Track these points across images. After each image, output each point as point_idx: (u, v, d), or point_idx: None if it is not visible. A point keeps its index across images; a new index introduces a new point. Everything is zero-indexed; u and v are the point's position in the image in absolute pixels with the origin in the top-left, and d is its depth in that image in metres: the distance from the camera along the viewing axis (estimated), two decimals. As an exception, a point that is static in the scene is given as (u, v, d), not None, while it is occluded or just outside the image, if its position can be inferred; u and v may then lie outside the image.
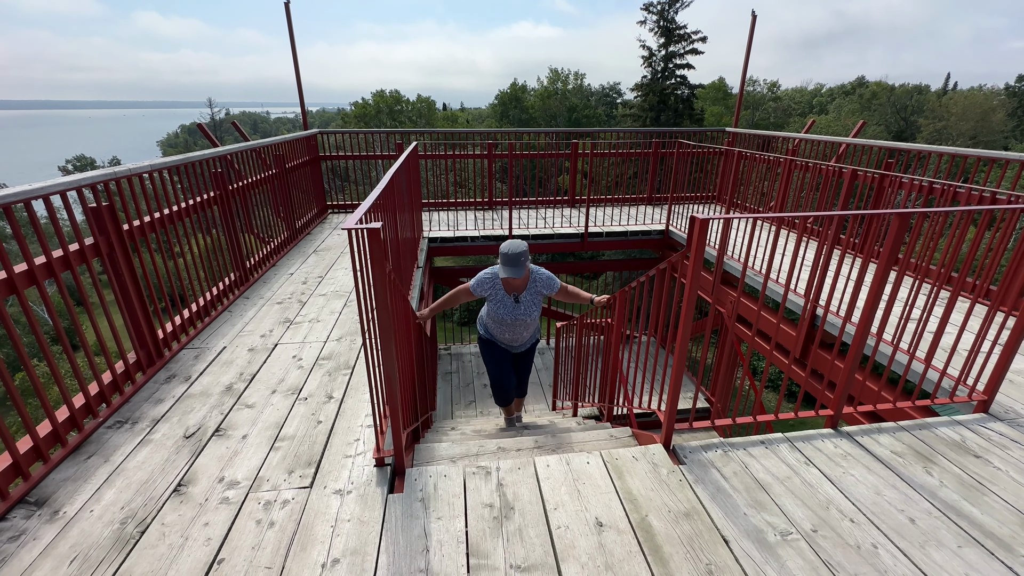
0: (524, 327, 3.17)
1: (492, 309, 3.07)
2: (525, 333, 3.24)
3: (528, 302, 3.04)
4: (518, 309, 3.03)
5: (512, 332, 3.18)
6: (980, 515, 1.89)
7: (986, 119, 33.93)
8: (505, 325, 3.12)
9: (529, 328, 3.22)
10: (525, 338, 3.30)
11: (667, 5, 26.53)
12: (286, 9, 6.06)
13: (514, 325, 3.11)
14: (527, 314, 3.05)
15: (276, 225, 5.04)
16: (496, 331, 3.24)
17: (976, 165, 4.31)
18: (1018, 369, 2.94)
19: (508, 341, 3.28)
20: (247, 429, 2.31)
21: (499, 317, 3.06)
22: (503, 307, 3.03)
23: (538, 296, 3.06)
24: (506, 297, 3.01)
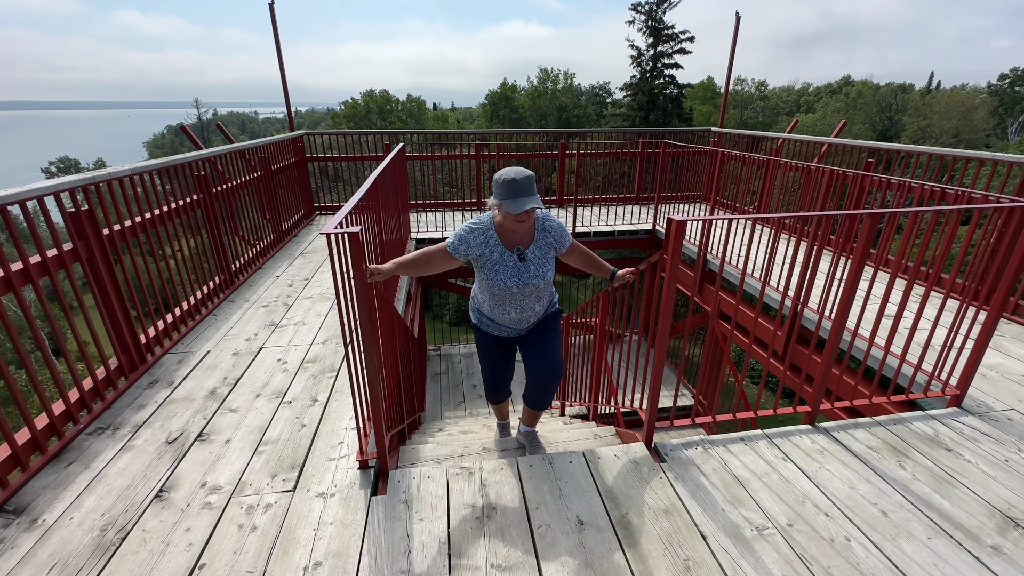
0: (536, 296, 2.23)
1: (489, 277, 2.13)
2: (538, 305, 2.28)
3: (538, 259, 2.15)
4: (526, 271, 2.12)
5: (521, 307, 2.23)
6: (950, 507, 1.94)
7: (968, 117, 34.54)
8: (510, 299, 2.18)
9: (543, 297, 2.27)
10: (538, 311, 2.33)
11: (655, 5, 26.70)
12: (270, 9, 6.02)
13: (523, 296, 2.18)
14: (539, 277, 2.14)
15: (262, 227, 5.01)
16: (497, 311, 2.25)
17: (952, 164, 4.41)
18: (990, 364, 3.02)
19: (515, 323, 2.30)
20: (230, 433, 2.31)
21: (501, 287, 2.12)
22: (504, 271, 2.11)
23: (550, 251, 2.20)
24: (506, 255, 2.10)
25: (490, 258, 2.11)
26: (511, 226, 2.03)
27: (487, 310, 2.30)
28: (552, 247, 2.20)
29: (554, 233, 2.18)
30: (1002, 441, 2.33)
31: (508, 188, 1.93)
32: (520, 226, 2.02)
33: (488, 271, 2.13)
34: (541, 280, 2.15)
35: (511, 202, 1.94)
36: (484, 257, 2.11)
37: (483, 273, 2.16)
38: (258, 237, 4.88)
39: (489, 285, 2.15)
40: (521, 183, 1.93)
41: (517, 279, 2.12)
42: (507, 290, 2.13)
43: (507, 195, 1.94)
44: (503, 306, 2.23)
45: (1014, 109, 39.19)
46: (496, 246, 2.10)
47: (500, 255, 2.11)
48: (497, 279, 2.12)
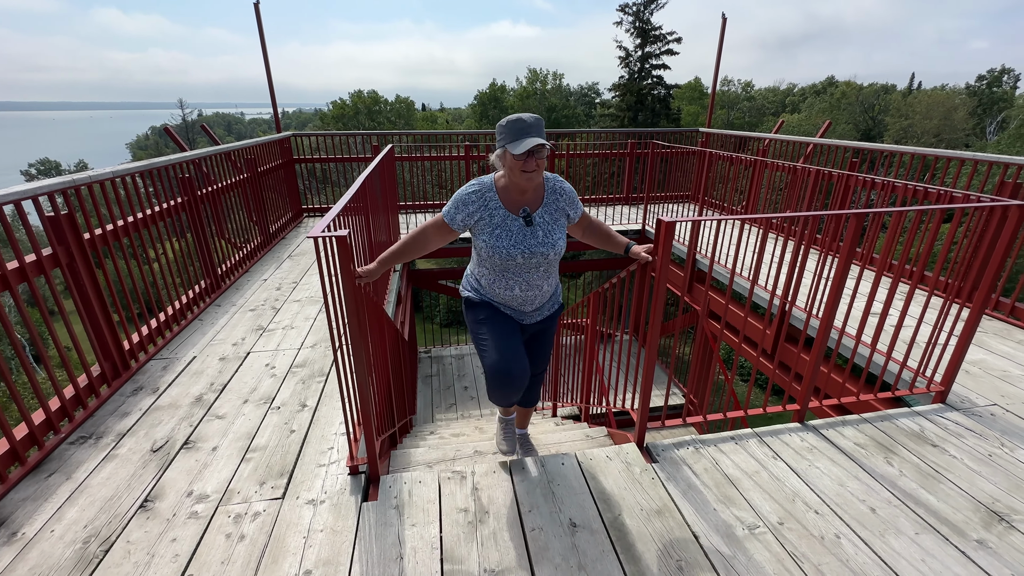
0: (545, 271, 1.90)
1: (489, 244, 1.81)
2: (546, 283, 1.94)
3: (547, 225, 1.85)
4: (533, 237, 1.81)
5: (527, 283, 1.88)
6: (936, 502, 1.97)
7: (949, 117, 35.25)
8: (514, 272, 1.86)
9: (551, 274, 1.95)
10: (546, 295, 1.98)
11: (643, 6, 26.87)
12: (255, 9, 5.95)
13: (529, 269, 1.85)
14: (548, 244, 1.83)
15: (249, 230, 4.95)
16: (499, 286, 1.92)
17: (934, 163, 4.49)
18: (972, 360, 3.07)
19: (518, 303, 1.95)
20: (217, 441, 2.27)
21: (504, 256, 1.80)
22: (507, 237, 1.79)
23: (560, 217, 1.90)
24: (509, 218, 1.80)
25: (490, 222, 1.80)
26: (517, 179, 1.73)
27: (486, 284, 1.96)
28: (564, 212, 1.91)
29: (567, 196, 1.90)
30: (985, 436, 2.37)
31: (511, 127, 1.67)
32: (528, 179, 1.72)
33: (488, 237, 1.80)
34: (551, 249, 1.83)
35: (515, 143, 1.65)
36: (483, 222, 1.81)
37: (482, 240, 1.82)
38: (245, 240, 4.82)
39: (490, 254, 1.81)
40: (528, 121, 1.67)
41: (523, 246, 1.80)
42: (511, 260, 1.81)
43: (511, 136, 1.67)
44: (505, 280, 1.88)
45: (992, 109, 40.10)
46: (497, 208, 1.80)
47: (502, 218, 1.80)
48: (499, 246, 1.79)
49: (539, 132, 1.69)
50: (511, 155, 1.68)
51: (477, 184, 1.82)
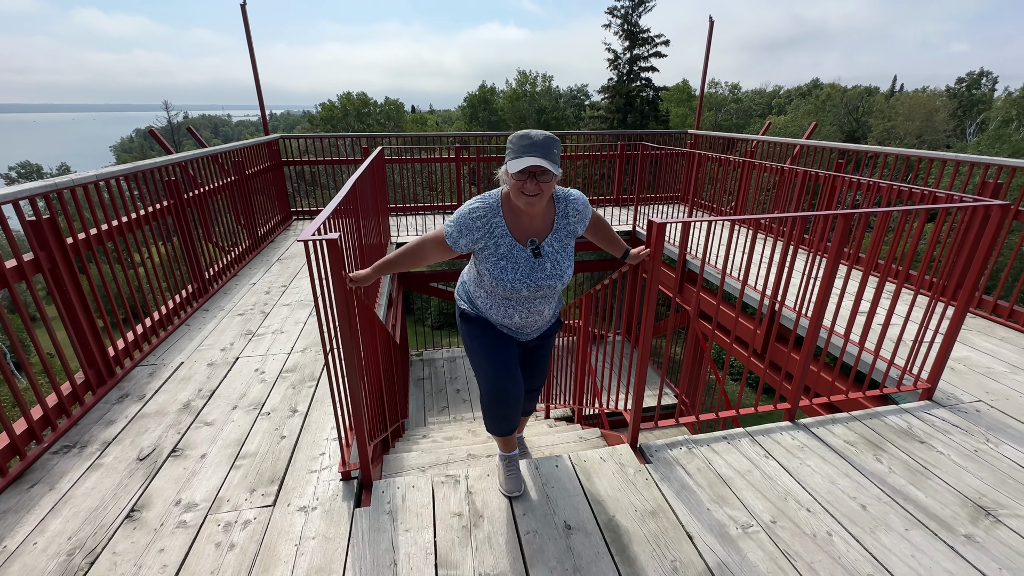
0: (548, 299, 1.82)
1: (492, 275, 1.70)
2: (547, 309, 1.86)
3: (556, 254, 1.73)
4: (541, 269, 1.70)
5: (528, 311, 1.80)
6: (925, 498, 2.00)
7: (930, 119, 35.96)
8: (516, 303, 1.77)
9: (553, 299, 1.87)
10: (547, 316, 1.90)
11: (631, 9, 27.07)
12: (242, 10, 5.89)
13: (532, 300, 1.77)
14: (556, 276, 1.73)
15: (237, 233, 4.89)
16: (496, 312, 1.83)
17: (917, 164, 4.57)
18: (957, 357, 3.12)
19: (516, 327, 1.87)
20: (206, 448, 2.23)
21: (507, 289, 1.69)
22: (512, 269, 1.67)
23: (570, 241, 1.78)
24: (516, 248, 1.67)
25: (495, 252, 1.66)
26: (516, 200, 1.59)
27: (483, 307, 1.86)
28: (572, 234, 1.78)
29: (578, 215, 1.77)
30: (971, 432, 2.41)
31: (516, 143, 1.54)
32: (528, 204, 1.57)
33: (492, 268, 1.68)
34: (559, 281, 1.72)
35: (515, 160, 1.53)
36: (488, 250, 1.67)
37: (485, 268, 1.70)
38: (233, 243, 4.76)
39: (492, 285, 1.70)
40: (535, 139, 1.52)
41: (529, 280, 1.68)
42: (515, 292, 1.70)
43: (513, 152, 1.55)
44: (505, 309, 1.80)
45: (971, 111, 40.99)
46: (503, 236, 1.65)
47: (508, 248, 1.66)
48: (503, 279, 1.67)
49: (545, 153, 1.52)
50: (510, 173, 1.56)
51: (482, 203, 1.66)
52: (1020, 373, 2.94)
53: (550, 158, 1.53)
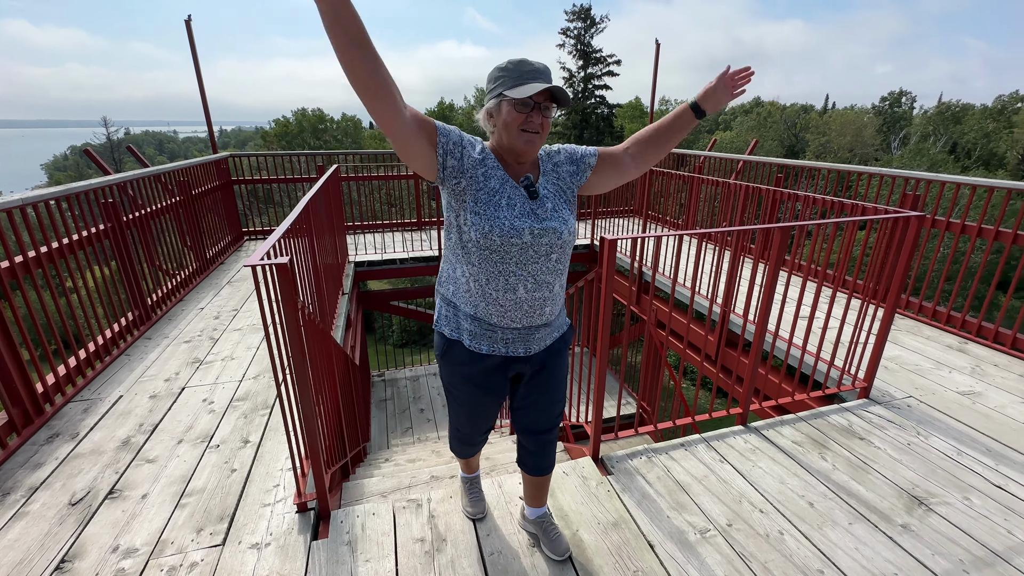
0: (557, 259, 1.39)
1: (485, 217, 1.30)
2: (557, 284, 1.44)
3: (553, 197, 1.40)
4: (542, 207, 1.36)
5: (535, 280, 1.37)
6: (865, 492, 2.12)
7: (860, 134, 38.95)
8: (517, 260, 1.33)
9: (561, 269, 1.44)
10: (557, 299, 1.47)
11: (583, 30, 28.05)
12: (187, 25, 5.71)
13: (537, 257, 1.35)
14: (560, 220, 1.37)
15: (184, 256, 4.66)
16: (495, 292, 1.36)
17: (848, 177, 4.93)
18: (890, 356, 3.36)
19: (521, 316, 1.40)
20: (147, 487, 2.09)
21: (504, 233, 1.30)
22: (509, 207, 1.32)
23: (567, 186, 1.44)
24: (509, 183, 1.34)
25: (485, 184, 1.30)
26: (513, 141, 1.29)
27: (472, 301, 1.39)
28: (568, 183, 1.43)
29: (565, 154, 1.46)
30: (904, 427, 2.59)
31: (514, 69, 1.25)
32: (528, 142, 1.29)
33: (483, 207, 1.29)
34: (564, 225, 1.36)
35: (517, 87, 1.23)
36: (477, 181, 1.30)
37: (474, 213, 1.29)
38: (179, 266, 4.53)
39: (486, 231, 1.28)
40: (536, 66, 1.26)
41: (531, 219, 1.32)
42: (515, 239, 1.29)
43: (512, 79, 1.24)
44: (505, 278, 1.34)
45: (895, 127, 44.72)
46: (495, 167, 1.33)
47: (501, 182, 1.33)
48: (500, 217, 1.29)
49: (549, 78, 1.28)
50: (508, 104, 1.25)
51: (477, 139, 1.39)
52: (944, 369, 3.19)
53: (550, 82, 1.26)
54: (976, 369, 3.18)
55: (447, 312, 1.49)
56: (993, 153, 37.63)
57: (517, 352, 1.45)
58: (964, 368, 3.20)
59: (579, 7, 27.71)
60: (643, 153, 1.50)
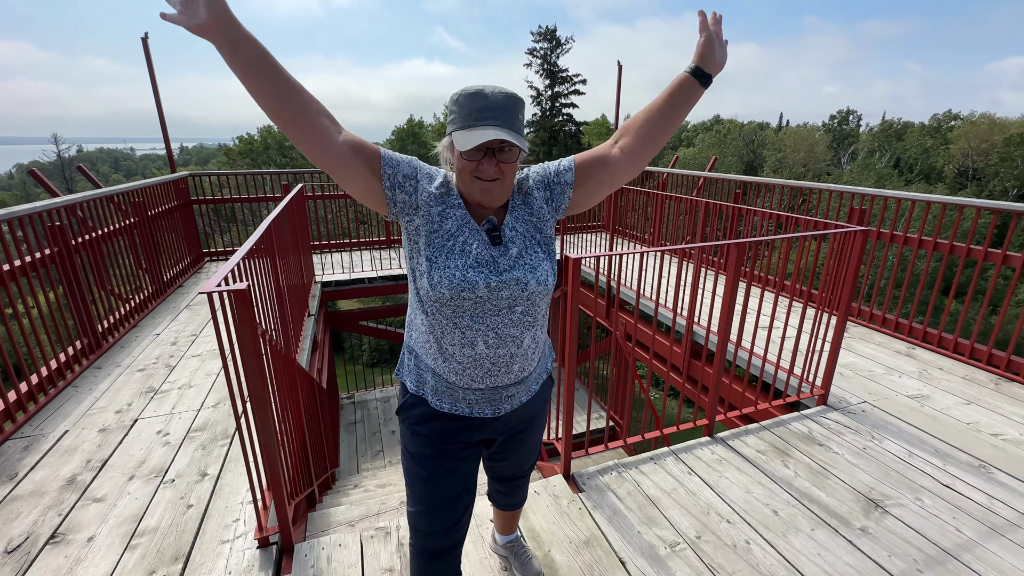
0: (524, 311, 1.17)
1: (436, 266, 1.11)
2: (527, 338, 1.21)
3: (522, 238, 1.17)
4: (504, 255, 1.14)
5: (496, 334, 1.16)
6: (826, 498, 2.19)
7: (812, 151, 41.13)
8: (475, 313, 1.13)
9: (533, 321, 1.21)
10: (529, 355, 1.24)
11: (549, 51, 28.78)
12: (143, 43, 5.57)
13: (498, 307, 1.14)
14: (527, 268, 1.15)
15: (139, 279, 4.47)
16: (453, 345, 1.16)
17: (801, 192, 5.19)
18: (845, 363, 3.51)
19: (486, 373, 1.19)
20: (94, 529, 1.96)
21: (455, 286, 1.09)
22: (463, 254, 1.12)
23: (541, 222, 1.20)
24: (469, 226, 1.14)
25: (441, 226, 1.10)
26: (467, 188, 1.10)
27: (431, 353, 1.19)
28: (542, 216, 1.18)
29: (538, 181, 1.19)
30: (859, 431, 2.70)
31: (465, 104, 1.03)
32: (484, 192, 1.08)
33: (435, 253, 1.09)
34: (530, 274, 1.13)
35: (465, 131, 1.03)
36: (432, 221, 1.10)
37: (425, 255, 1.10)
38: (133, 290, 4.34)
39: (434, 283, 1.08)
40: (492, 99, 1.02)
41: (488, 269, 1.10)
42: (466, 292, 1.08)
43: (461, 118, 1.04)
44: (461, 331, 1.13)
45: (844, 143, 47.45)
46: (455, 206, 1.12)
47: (459, 223, 1.11)
48: (448, 268, 1.08)
49: (507, 119, 1.03)
50: (458, 151, 1.04)
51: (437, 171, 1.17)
52: (894, 374, 3.36)
53: (514, 126, 1.03)
54: (923, 373, 3.36)
55: (409, 361, 1.27)
56: (932, 167, 40.35)
57: (484, 413, 1.24)
58: (912, 373, 3.37)
59: (545, 28, 28.49)
60: (639, 144, 1.19)
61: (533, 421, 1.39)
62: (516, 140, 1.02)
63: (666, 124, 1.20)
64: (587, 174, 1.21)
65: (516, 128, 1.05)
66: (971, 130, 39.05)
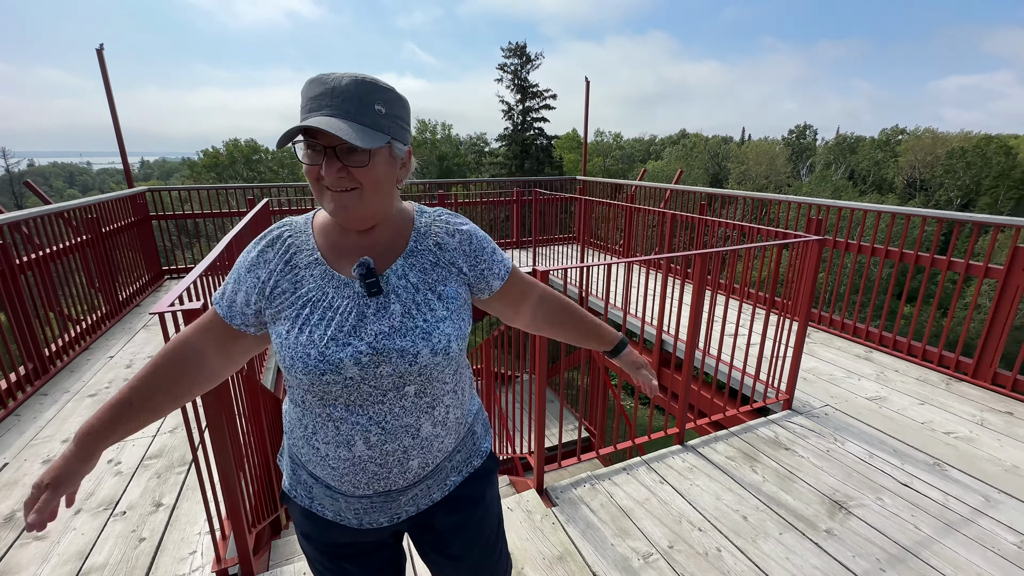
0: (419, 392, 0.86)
1: (290, 343, 0.82)
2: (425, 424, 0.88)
3: (413, 292, 0.86)
4: (382, 316, 0.83)
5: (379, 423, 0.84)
6: (793, 501, 2.24)
7: (773, 163, 42.93)
8: (348, 404, 0.83)
9: (434, 401, 0.89)
10: (433, 446, 0.91)
11: (519, 66, 29.26)
12: (99, 54, 5.38)
13: (378, 391, 0.83)
14: (419, 334, 0.83)
15: (92, 299, 4.25)
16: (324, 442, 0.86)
17: (762, 203, 5.39)
18: (808, 368, 3.62)
19: (367, 479, 0.87)
20: (34, 569, 1.83)
21: (315, 367, 0.80)
22: (323, 321, 0.82)
23: (449, 278, 0.90)
24: (333, 281, 0.85)
25: (292, 297, 0.85)
26: (324, 204, 0.83)
27: (304, 449, 0.91)
28: (456, 272, 0.91)
29: (460, 238, 0.92)
30: (823, 434, 2.77)
31: (304, 97, 0.79)
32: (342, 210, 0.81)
33: (289, 325, 0.84)
34: (423, 341, 0.84)
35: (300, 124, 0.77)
36: (283, 298, 0.85)
37: (281, 337, 0.84)
38: (86, 311, 4.12)
39: (287, 365, 0.83)
40: (330, 84, 0.77)
41: (356, 339, 0.82)
42: (328, 374, 0.81)
43: (301, 110, 0.80)
44: (333, 424, 0.85)
45: (802, 156, 49.72)
46: (310, 266, 0.86)
47: (320, 282, 0.85)
48: (299, 344, 0.82)
49: (349, 109, 0.76)
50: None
51: (278, 226, 0.90)
52: (855, 377, 3.48)
53: (363, 118, 0.76)
54: (881, 376, 3.50)
55: (284, 448, 1.01)
56: (884, 178, 42.68)
57: (378, 523, 0.93)
58: (871, 375, 3.51)
59: (515, 45, 28.98)
60: (541, 324, 1.09)
61: (471, 515, 1.02)
62: (356, 135, 0.73)
63: (571, 334, 1.14)
64: (506, 297, 0.99)
65: (366, 120, 0.76)
66: (917, 144, 41.61)
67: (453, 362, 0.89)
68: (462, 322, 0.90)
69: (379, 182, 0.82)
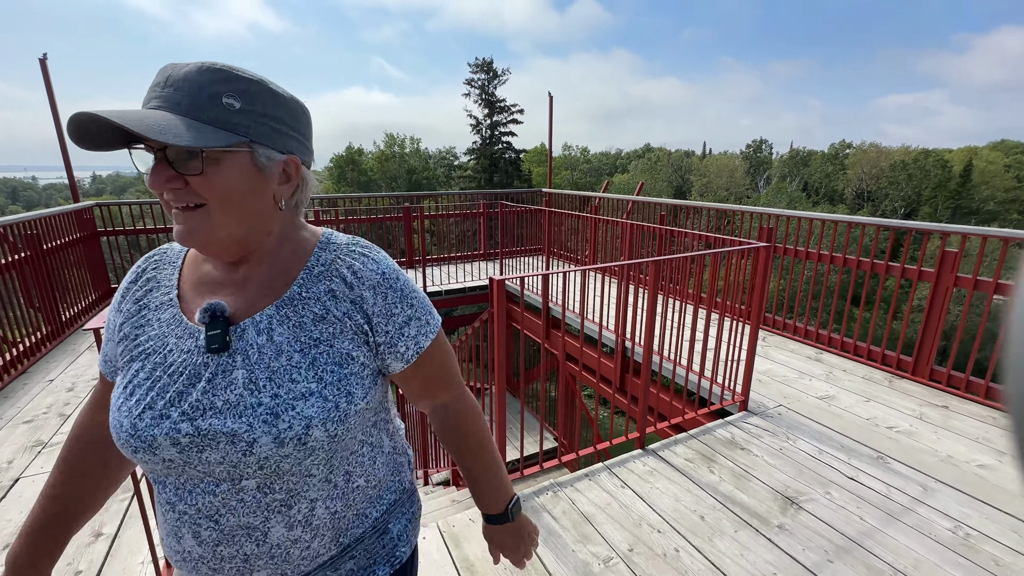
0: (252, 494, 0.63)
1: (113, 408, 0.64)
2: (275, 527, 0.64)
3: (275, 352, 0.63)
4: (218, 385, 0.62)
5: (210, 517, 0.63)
6: (747, 499, 2.30)
7: (733, 176, 44.76)
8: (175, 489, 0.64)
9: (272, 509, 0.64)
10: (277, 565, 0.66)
11: (487, 82, 29.64)
12: (42, 65, 5.16)
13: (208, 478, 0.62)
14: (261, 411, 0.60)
15: (31, 320, 4.01)
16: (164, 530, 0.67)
17: (723, 214, 5.61)
18: (763, 370, 3.76)
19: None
20: (-47, 612, 1.69)
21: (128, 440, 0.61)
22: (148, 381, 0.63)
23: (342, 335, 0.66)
24: (178, 329, 0.66)
25: (132, 345, 0.67)
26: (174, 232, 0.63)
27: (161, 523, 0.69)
28: (354, 334, 0.67)
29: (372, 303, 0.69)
30: (776, 433, 2.88)
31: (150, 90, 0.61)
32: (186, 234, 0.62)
33: (121, 381, 0.66)
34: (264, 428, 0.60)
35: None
36: (125, 344, 0.68)
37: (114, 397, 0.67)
38: (25, 332, 3.88)
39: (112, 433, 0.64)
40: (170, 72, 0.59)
41: (173, 412, 0.61)
42: (141, 452, 0.62)
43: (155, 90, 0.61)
44: (165, 512, 0.66)
45: (760, 169, 52.06)
46: (163, 306, 0.69)
47: (163, 330, 0.67)
48: (117, 409, 0.64)
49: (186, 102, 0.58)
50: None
51: (149, 255, 0.76)
52: (806, 378, 3.63)
53: (198, 113, 0.59)
54: (830, 375, 3.67)
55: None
56: (834, 190, 45.08)
57: None
58: (821, 375, 3.67)
59: (482, 60, 29.38)
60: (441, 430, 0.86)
61: None
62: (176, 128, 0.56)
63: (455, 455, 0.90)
64: (415, 376, 0.76)
65: (204, 116, 0.59)
66: (863, 157, 44.24)
67: (320, 451, 0.64)
68: (344, 398, 0.65)
69: (228, 197, 0.61)
